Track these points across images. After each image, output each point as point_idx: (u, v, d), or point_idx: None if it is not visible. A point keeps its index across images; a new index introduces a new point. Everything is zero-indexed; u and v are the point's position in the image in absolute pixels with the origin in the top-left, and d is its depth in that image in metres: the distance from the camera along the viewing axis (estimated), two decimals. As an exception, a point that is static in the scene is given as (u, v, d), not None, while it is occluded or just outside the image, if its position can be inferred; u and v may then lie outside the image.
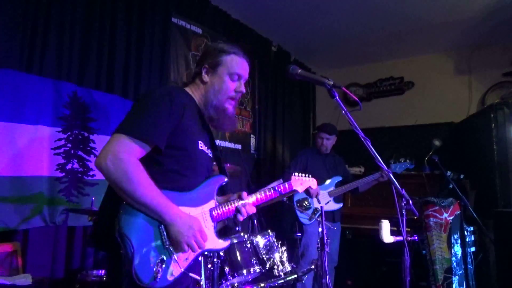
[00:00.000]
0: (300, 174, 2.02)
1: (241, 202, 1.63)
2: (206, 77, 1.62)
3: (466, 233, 3.42)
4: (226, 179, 1.64)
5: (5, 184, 2.37)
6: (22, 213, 2.44)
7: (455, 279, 3.19)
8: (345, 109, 1.62)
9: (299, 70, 1.66)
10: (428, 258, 3.26)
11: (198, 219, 1.47)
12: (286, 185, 1.84)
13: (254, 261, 2.50)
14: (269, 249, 2.60)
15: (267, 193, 1.72)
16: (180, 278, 1.42)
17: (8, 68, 2.41)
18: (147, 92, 1.52)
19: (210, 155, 1.67)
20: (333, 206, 3.66)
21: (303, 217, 3.61)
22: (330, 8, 4.10)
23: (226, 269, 2.44)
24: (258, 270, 2.48)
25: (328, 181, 3.74)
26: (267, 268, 2.53)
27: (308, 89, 6.04)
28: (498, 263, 3.32)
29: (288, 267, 2.61)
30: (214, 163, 1.78)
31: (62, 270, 2.69)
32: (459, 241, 3.35)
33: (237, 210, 1.62)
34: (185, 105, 1.51)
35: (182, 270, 1.42)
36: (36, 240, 2.57)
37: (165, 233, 1.40)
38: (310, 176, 2.04)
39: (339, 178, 3.77)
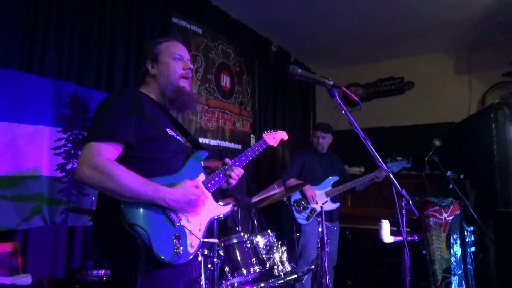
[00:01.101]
0: (271, 130, 2.18)
1: (227, 167, 1.74)
2: (153, 70, 1.68)
3: (466, 233, 3.41)
4: (206, 153, 1.73)
5: (5, 184, 2.36)
6: (22, 213, 2.44)
7: (454, 279, 3.19)
8: (345, 109, 1.62)
9: (299, 70, 1.66)
10: (428, 258, 3.26)
11: (187, 183, 1.51)
12: (261, 143, 2.01)
13: (254, 261, 2.50)
14: (269, 249, 2.60)
15: (248, 153, 1.87)
16: (199, 248, 1.51)
17: (8, 68, 2.41)
18: (103, 100, 1.58)
19: (183, 141, 1.74)
20: (330, 206, 3.66)
21: (300, 218, 3.61)
22: (330, 8, 4.10)
23: (226, 269, 2.44)
24: (258, 270, 2.48)
25: (325, 181, 3.74)
26: (267, 268, 2.53)
27: (308, 89, 6.04)
28: (498, 263, 3.32)
29: (288, 267, 2.61)
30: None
31: (62, 270, 2.68)
32: (458, 241, 3.35)
33: (228, 176, 1.72)
34: (140, 99, 1.56)
35: (201, 239, 1.51)
36: (36, 240, 2.56)
37: (171, 213, 1.45)
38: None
39: (336, 178, 3.77)
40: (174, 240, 1.41)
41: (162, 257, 1.36)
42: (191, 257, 1.47)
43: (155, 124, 1.55)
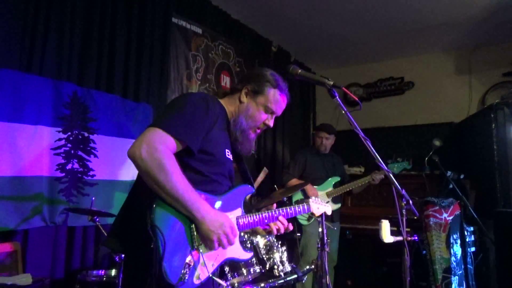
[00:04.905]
0: (317, 198, 2.11)
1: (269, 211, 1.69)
2: (244, 98, 1.66)
3: (466, 233, 3.41)
4: (253, 190, 1.67)
5: (5, 184, 2.37)
6: (22, 213, 2.44)
7: (455, 279, 3.19)
8: (345, 109, 1.62)
9: (299, 70, 1.66)
10: (428, 258, 3.26)
11: (228, 216, 1.48)
12: (305, 206, 1.94)
13: (254, 261, 2.50)
14: (269, 249, 2.60)
15: (289, 211, 1.79)
16: (206, 283, 1.42)
17: (8, 68, 2.41)
18: (183, 94, 1.58)
19: (235, 165, 1.71)
20: (332, 206, 3.65)
21: (302, 218, 3.61)
22: (330, 8, 4.10)
23: (226, 269, 2.44)
24: (258, 270, 2.48)
25: (326, 182, 3.74)
26: (267, 268, 2.53)
27: (308, 89, 6.04)
28: (498, 263, 3.32)
29: (288, 267, 2.61)
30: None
31: (62, 270, 2.69)
32: (458, 241, 3.35)
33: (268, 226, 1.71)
34: (218, 115, 1.54)
35: (210, 274, 1.42)
36: (36, 240, 2.56)
37: (195, 233, 1.39)
38: (326, 203, 2.16)
39: (337, 179, 3.77)
40: (186, 264, 1.34)
41: (167, 274, 1.29)
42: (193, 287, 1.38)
43: (220, 142, 1.54)
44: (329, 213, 2.19)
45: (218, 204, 1.50)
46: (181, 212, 1.36)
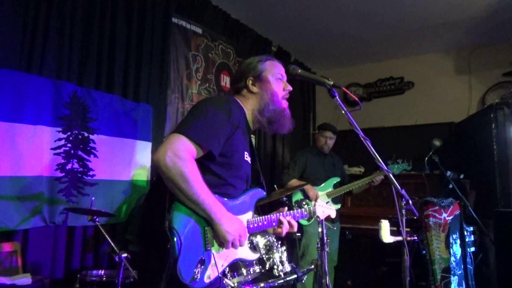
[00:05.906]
0: (323, 201, 2.19)
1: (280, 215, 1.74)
2: (254, 88, 1.71)
3: (466, 233, 3.41)
4: (264, 194, 1.73)
5: (5, 184, 2.37)
6: (22, 213, 2.44)
7: (454, 279, 3.19)
8: (345, 109, 1.62)
9: (299, 70, 1.67)
10: (428, 258, 3.26)
11: (241, 220, 1.56)
12: (312, 209, 2.05)
13: (254, 261, 2.50)
14: (269, 249, 2.60)
15: (296, 214, 1.86)
16: (214, 282, 1.48)
17: (8, 68, 2.41)
18: (207, 99, 1.61)
19: (251, 167, 1.75)
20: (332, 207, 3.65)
21: (302, 218, 3.60)
22: (330, 8, 4.10)
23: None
24: (258, 270, 2.48)
25: (326, 182, 3.73)
26: (267, 268, 2.53)
27: (308, 89, 6.04)
28: (498, 263, 3.32)
29: (288, 267, 2.60)
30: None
31: (62, 270, 2.69)
32: (458, 241, 3.35)
33: (280, 222, 1.74)
34: (240, 119, 1.59)
35: (219, 274, 1.49)
36: (36, 240, 2.56)
37: (208, 235, 1.46)
38: (326, 203, 2.24)
39: (337, 179, 3.76)
40: (198, 264, 1.41)
41: (181, 273, 1.35)
42: (203, 286, 1.44)
43: (240, 145, 1.59)
44: (333, 216, 2.23)
45: (231, 207, 1.55)
46: (199, 214, 1.43)
